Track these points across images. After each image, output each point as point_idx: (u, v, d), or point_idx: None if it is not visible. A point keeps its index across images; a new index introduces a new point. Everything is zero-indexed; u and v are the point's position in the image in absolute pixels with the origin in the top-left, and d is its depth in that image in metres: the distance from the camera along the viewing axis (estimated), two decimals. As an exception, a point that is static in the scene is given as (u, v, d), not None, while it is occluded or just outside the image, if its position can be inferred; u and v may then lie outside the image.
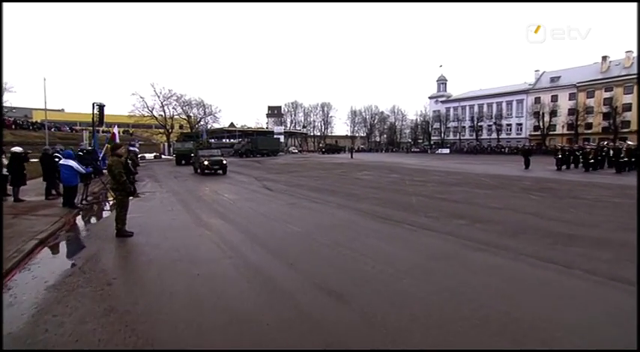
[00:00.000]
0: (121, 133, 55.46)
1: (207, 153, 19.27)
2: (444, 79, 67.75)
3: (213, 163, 17.71)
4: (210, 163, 17.65)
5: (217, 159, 18.09)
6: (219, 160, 18.05)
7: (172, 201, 9.73)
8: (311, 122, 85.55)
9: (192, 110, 52.37)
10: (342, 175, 16.96)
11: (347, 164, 26.29)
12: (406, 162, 28.95)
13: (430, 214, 7.34)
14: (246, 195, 10.79)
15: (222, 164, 17.90)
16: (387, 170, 19.65)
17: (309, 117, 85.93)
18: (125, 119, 47.52)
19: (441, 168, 21.18)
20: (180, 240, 5.65)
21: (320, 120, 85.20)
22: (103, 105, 17.63)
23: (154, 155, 41.63)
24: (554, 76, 50.32)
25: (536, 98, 51.25)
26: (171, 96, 48.53)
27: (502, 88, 57.08)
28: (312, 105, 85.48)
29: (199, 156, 18.75)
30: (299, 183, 13.76)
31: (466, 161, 29.92)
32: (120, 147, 5.92)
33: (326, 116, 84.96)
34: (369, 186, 12.26)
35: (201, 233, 6.11)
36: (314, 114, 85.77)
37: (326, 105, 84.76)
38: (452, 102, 65.23)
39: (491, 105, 57.58)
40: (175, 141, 31.48)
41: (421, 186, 12.02)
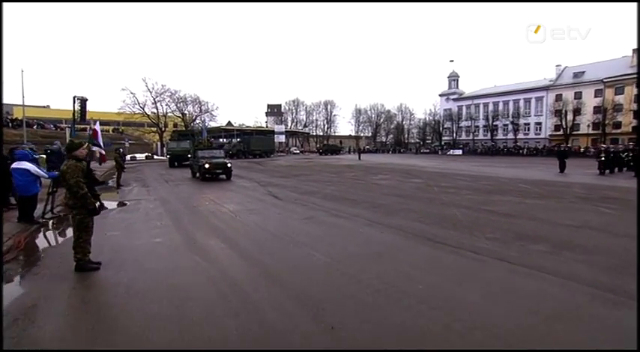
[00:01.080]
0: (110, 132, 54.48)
1: (208, 154, 16.82)
2: (456, 75, 66.35)
3: (215, 166, 15.39)
4: (212, 166, 15.33)
5: (220, 162, 15.73)
6: (223, 163, 15.71)
7: (160, 213, 8.31)
8: (313, 121, 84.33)
9: (187, 107, 51.18)
10: (356, 180, 15.61)
11: (357, 166, 25.11)
12: (420, 164, 27.84)
13: (490, 235, 5.91)
14: (250, 204, 9.38)
15: (226, 167, 15.57)
16: (404, 173, 18.50)
17: (311, 115, 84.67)
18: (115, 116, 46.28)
19: (463, 171, 19.87)
20: (164, 276, 4.23)
21: (323, 119, 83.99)
22: (85, 100, 16.25)
23: (146, 155, 40.40)
24: (578, 71, 48.27)
25: (557, 95, 49.60)
26: (164, 92, 47.43)
27: (520, 84, 55.52)
28: (314, 104, 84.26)
29: (199, 157, 16.37)
30: (310, 189, 12.38)
31: (486, 163, 28.55)
32: (78, 147, 4.48)
33: (329, 115, 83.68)
34: (394, 194, 10.85)
35: (193, 264, 4.68)
36: (316, 113, 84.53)
37: (329, 104, 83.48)
38: (464, 100, 63.81)
39: (508, 103, 56.05)
40: (169, 141, 29.21)
41: (455, 195, 10.61)
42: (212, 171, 15.31)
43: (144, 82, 45.67)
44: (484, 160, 34.20)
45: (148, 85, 46.08)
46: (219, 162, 15.64)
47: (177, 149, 26.42)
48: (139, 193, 12.06)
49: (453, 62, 56.47)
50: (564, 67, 51.34)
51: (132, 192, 12.53)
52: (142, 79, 45.66)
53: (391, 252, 5.13)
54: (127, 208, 9.21)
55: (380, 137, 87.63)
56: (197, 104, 51.88)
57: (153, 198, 10.84)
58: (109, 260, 4.78)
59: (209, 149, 17.94)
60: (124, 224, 7.20)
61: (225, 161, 16.00)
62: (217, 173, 15.49)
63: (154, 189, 13.03)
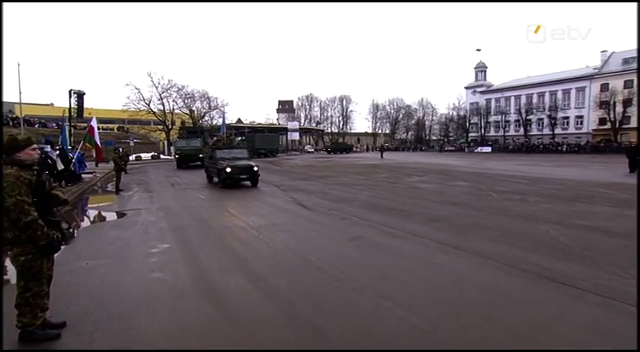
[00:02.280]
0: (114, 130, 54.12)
1: (229, 154, 13.92)
2: (484, 65, 63.59)
3: (240, 170, 12.65)
4: (236, 170, 12.56)
5: (245, 165, 12.94)
6: (249, 166, 12.90)
7: (163, 230, 6.87)
8: (328, 117, 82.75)
9: (194, 104, 50.27)
10: (390, 182, 14.08)
11: (382, 166, 23.66)
12: (452, 163, 26.21)
13: (630, 271, 4.24)
14: (275, 217, 7.89)
15: (252, 171, 12.84)
16: (441, 174, 16.93)
17: (325, 111, 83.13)
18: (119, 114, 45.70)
19: (508, 171, 18.14)
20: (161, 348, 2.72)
21: (338, 116, 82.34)
22: (82, 94, 15.07)
23: (152, 155, 39.57)
24: (629, 57, 43.77)
25: (602, 85, 46.11)
26: (170, 87, 46.54)
27: (557, 74, 52.36)
28: (329, 99, 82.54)
29: (217, 158, 13.55)
30: (342, 195, 10.87)
31: (527, 162, 26.54)
32: (23, 146, 2.88)
33: (345, 110, 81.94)
34: (446, 202, 9.23)
35: (206, 323, 3.17)
36: (331, 109, 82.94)
37: (345, 99, 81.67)
38: (493, 93, 61.07)
39: (543, 95, 53.01)
40: (177, 139, 26.88)
41: (524, 203, 8.91)
42: (235, 177, 12.68)
43: (149, 77, 45.07)
44: (522, 159, 32.08)
45: (153, 80, 45.49)
46: (244, 165, 12.93)
47: (186, 148, 24.47)
48: (140, 200, 10.72)
49: (480, 51, 53.50)
50: (611, 52, 47.76)
51: (132, 198, 11.22)
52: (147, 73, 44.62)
53: (503, 301, 3.52)
54: (122, 221, 7.83)
55: (399, 134, 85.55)
56: (205, 100, 51.05)
57: (155, 207, 9.45)
58: (82, 315, 3.31)
59: (229, 148, 14.97)
60: (115, 246, 5.77)
61: (251, 164, 13.20)
62: (242, 178, 12.90)
63: (158, 195, 11.69)
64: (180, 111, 48.99)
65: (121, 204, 10.27)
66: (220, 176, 12.79)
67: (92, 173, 16.92)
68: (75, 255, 5.21)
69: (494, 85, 62.87)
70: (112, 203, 10.52)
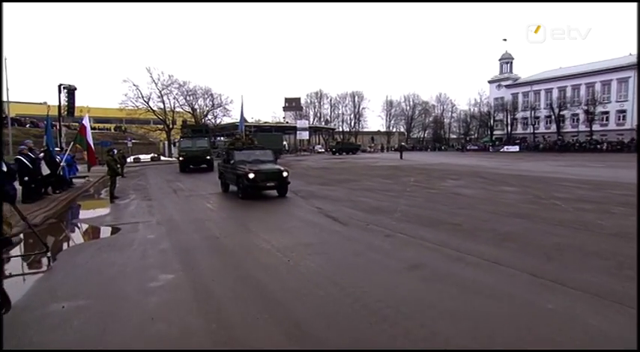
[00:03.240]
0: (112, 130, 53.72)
1: (249, 156, 11.93)
2: (510, 57, 61.76)
3: (265, 176, 10.67)
4: (261, 176, 10.56)
5: (272, 170, 10.99)
6: (277, 171, 10.97)
7: (165, 252, 5.81)
8: (339, 115, 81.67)
9: (197, 101, 49.57)
10: (424, 188, 12.95)
11: (405, 168, 22.61)
12: (482, 164, 25.15)
13: None
14: (303, 234, 6.81)
15: (281, 178, 10.87)
16: (478, 177, 15.86)
17: (336, 109, 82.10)
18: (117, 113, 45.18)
19: (552, 173, 17.04)
20: None
21: (350, 113, 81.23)
22: (73, 89, 14.12)
23: (151, 156, 38.87)
24: None
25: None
26: (171, 84, 45.88)
27: (595, 64, 50.26)
28: (339, 95, 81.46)
29: (236, 162, 11.57)
30: (374, 203, 9.80)
31: (566, 162, 25.16)
32: None
33: (357, 107, 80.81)
34: (508, 213, 8.08)
35: None
36: (342, 106, 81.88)
37: (357, 95, 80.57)
38: (521, 87, 59.27)
39: (579, 87, 50.94)
40: (181, 138, 25.13)
41: (612, 216, 7.68)
42: (260, 185, 10.63)
43: (148, 73, 44.21)
44: (559, 159, 30.59)
45: (152, 76, 44.66)
46: (270, 170, 10.88)
47: (192, 149, 22.82)
48: (138, 211, 9.72)
49: (506, 41, 51.64)
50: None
51: (128, 208, 10.23)
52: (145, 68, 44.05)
53: None
54: (115, 240, 6.78)
55: (415, 132, 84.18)
56: (209, 97, 50.19)
57: (156, 219, 8.42)
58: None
59: (249, 149, 12.94)
60: (103, 277, 4.71)
61: (279, 168, 11.21)
62: (268, 187, 10.90)
63: (159, 205, 10.69)
64: (181, 109, 48.44)
65: (115, 215, 9.29)
66: (241, 184, 10.79)
67: (85, 177, 16.09)
68: (48, 291, 4.18)
69: (521, 78, 61.15)
70: (104, 214, 9.54)
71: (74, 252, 6.10)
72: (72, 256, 5.76)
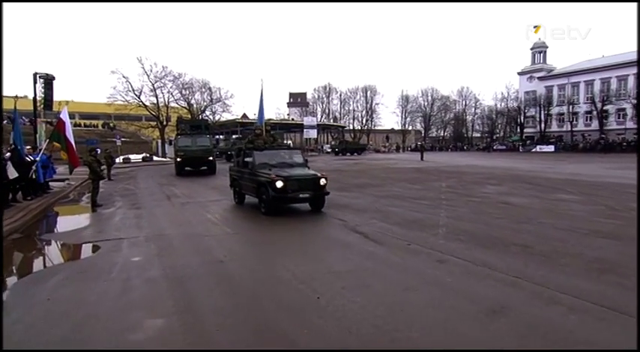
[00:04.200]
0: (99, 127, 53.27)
1: (272, 157, 10.07)
2: (543, 45, 60.09)
3: (299, 185, 8.89)
4: (293, 185, 8.78)
5: (307, 176, 9.22)
6: (311, 177, 9.18)
7: (154, 282, 4.89)
8: (349, 111, 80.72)
9: (193, 95, 48.97)
10: (461, 195, 12.04)
11: (431, 171, 21.83)
12: (519, 166, 24.28)
13: None
14: (330, 257, 5.92)
15: (318, 187, 9.13)
16: (523, 183, 14.97)
17: (347, 105, 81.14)
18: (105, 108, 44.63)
19: (609, 177, 16.06)
20: None
21: (361, 110, 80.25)
22: (50, 79, 13.26)
23: (143, 156, 38.24)
24: None
25: None
26: (165, 76, 45.31)
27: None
28: (350, 90, 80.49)
29: (256, 165, 9.65)
30: (408, 215, 8.89)
31: (619, 164, 23.88)
32: None
33: (369, 103, 79.77)
34: (586, 231, 7.07)
35: None
36: (353, 102, 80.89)
37: (369, 89, 79.54)
38: (556, 78, 57.77)
39: (625, 78, 48.70)
40: (178, 136, 23.24)
41: None
42: (291, 196, 8.82)
43: (139, 63, 43.41)
44: (605, 160, 29.35)
45: (144, 67, 43.95)
46: (304, 178, 9.10)
47: (191, 148, 21.34)
48: (123, 223, 8.83)
49: (538, 29, 50.00)
50: None
51: (112, 219, 9.35)
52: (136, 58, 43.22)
53: None
54: (89, 264, 5.84)
55: (433, 131, 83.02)
56: (207, 91, 49.70)
57: (144, 234, 7.50)
58: None
59: (272, 148, 10.93)
60: (64, 329, 3.73)
61: (314, 174, 9.35)
62: (301, 199, 9.09)
63: (149, 215, 9.82)
64: (176, 104, 47.87)
65: (95, 228, 8.45)
66: (264, 194, 8.99)
67: (64, 180, 15.29)
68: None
69: (556, 69, 59.71)
70: (82, 227, 8.64)
71: (35, 281, 5.16)
72: (30, 287, 4.82)
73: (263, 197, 9.18)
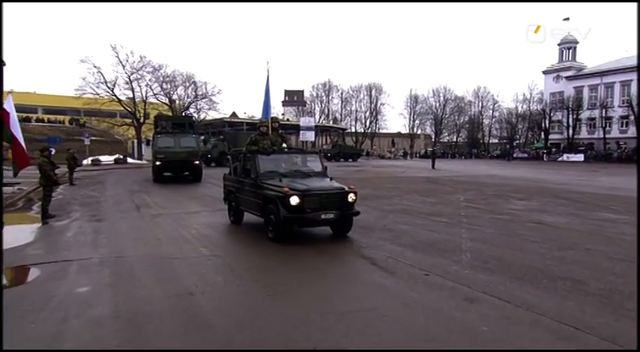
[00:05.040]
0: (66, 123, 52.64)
1: (281, 163, 8.94)
2: (573, 40, 60.20)
3: (320, 201, 7.59)
4: (312, 202, 7.50)
5: (332, 190, 7.90)
6: (338, 192, 7.91)
7: (98, 324, 4.28)
8: (352, 112, 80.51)
9: (176, 90, 48.51)
10: (484, 211, 11.62)
11: (445, 181, 21.70)
12: (546, 178, 24.24)
13: None
14: (328, 288, 5.33)
15: (345, 204, 7.86)
16: (550, 196, 14.96)
17: (348, 104, 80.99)
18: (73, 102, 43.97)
19: None
20: None
21: (365, 110, 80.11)
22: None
23: (116, 158, 37.63)
24: None
25: None
26: (143, 67, 44.82)
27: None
28: (352, 88, 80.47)
29: (261, 174, 8.40)
30: (422, 236, 8.36)
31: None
32: None
33: (374, 103, 79.66)
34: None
35: None
36: (356, 101, 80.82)
37: (374, 88, 79.54)
38: (587, 78, 57.85)
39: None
40: (157, 134, 21.66)
41: None
42: (310, 218, 7.51)
43: (113, 51, 42.68)
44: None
45: (119, 56, 43.31)
46: (327, 192, 7.80)
47: (174, 149, 20.05)
48: (76, 239, 8.21)
49: (568, 21, 49.48)
50: None
51: (63, 234, 8.76)
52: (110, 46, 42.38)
53: None
54: (20, 296, 5.10)
55: (445, 135, 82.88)
56: (191, 85, 49.26)
57: (98, 256, 6.84)
58: None
59: (282, 151, 9.50)
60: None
61: (340, 188, 8.05)
62: (324, 221, 7.74)
63: (110, 229, 9.21)
64: (156, 99, 47.42)
65: (39, 246, 7.85)
66: (274, 213, 7.66)
67: (15, 185, 14.65)
68: None
69: (587, 68, 59.79)
70: (24, 243, 7.94)
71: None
72: None
73: (271, 217, 7.78)
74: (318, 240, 7.99)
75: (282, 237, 7.61)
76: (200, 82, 50.32)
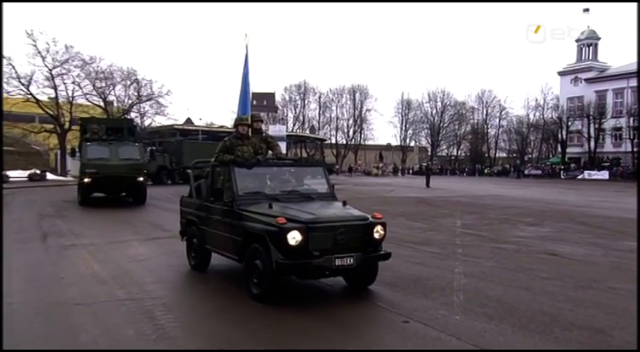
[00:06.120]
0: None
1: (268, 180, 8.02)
2: (594, 36, 62.41)
3: (336, 239, 6.26)
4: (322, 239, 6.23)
5: (349, 221, 6.57)
6: (359, 223, 6.64)
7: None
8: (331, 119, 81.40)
9: (113, 89, 48.33)
10: (483, 238, 12.04)
11: (441, 202, 22.59)
12: (560, 198, 25.23)
13: None
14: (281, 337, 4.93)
15: (370, 241, 6.66)
16: (567, 220, 15.62)
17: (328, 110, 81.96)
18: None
19: None
20: None
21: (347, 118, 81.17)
22: None
23: (30, 174, 36.69)
24: None
25: None
26: (70, 59, 44.13)
27: None
28: (333, 91, 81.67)
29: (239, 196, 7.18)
30: (405, 269, 8.38)
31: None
32: None
33: (358, 109, 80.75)
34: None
35: None
36: (337, 107, 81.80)
37: (358, 91, 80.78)
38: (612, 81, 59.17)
39: None
40: (85, 142, 20.44)
41: None
42: (319, 264, 6.17)
43: (29, 38, 41.73)
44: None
45: (37, 45, 42.35)
46: (342, 223, 6.50)
47: (109, 161, 19.23)
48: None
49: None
50: None
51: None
52: (25, 32, 41.42)
53: None
54: None
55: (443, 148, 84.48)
56: (132, 84, 48.99)
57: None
58: None
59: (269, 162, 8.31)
60: None
61: (363, 218, 6.74)
62: (339, 269, 6.38)
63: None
64: (86, 100, 47.13)
65: None
66: (259, 256, 6.36)
67: None
68: None
69: (612, 68, 61.29)
70: None
71: None
72: None
73: (255, 263, 6.42)
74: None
75: (272, 295, 6.27)
76: (145, 80, 49.93)
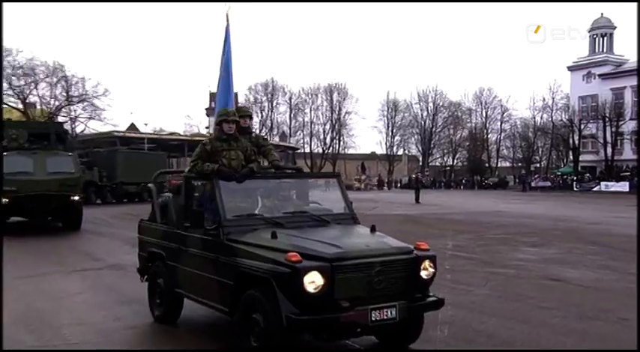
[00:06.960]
0: None
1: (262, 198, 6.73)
2: (609, 25, 63.88)
3: (372, 285, 5.51)
4: (357, 285, 5.32)
5: (390, 254, 5.54)
6: (403, 258, 5.74)
7: None
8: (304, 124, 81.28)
9: (36, 88, 47.47)
10: (477, 262, 12.38)
11: (430, 220, 23.01)
12: (570, 214, 25.56)
13: None
14: None
15: (418, 283, 5.75)
16: (576, 241, 15.96)
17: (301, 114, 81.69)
18: None
19: None
20: None
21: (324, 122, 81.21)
22: None
23: None
24: None
25: None
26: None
27: None
28: (306, 90, 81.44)
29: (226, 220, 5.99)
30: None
31: None
32: None
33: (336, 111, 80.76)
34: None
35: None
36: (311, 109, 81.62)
37: (336, 90, 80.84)
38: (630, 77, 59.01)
39: None
40: (4, 152, 18.95)
41: None
42: (350, 318, 4.94)
43: None
44: None
45: None
46: (379, 259, 5.30)
47: (34, 176, 18.84)
48: None
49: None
50: None
51: None
52: None
53: None
54: None
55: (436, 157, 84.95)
56: (60, 81, 48.04)
57: None
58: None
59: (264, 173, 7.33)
60: None
61: (406, 250, 5.78)
62: (374, 326, 5.38)
63: None
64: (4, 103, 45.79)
65: None
66: (260, 308, 5.12)
67: None
68: None
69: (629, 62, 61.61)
70: None
71: None
72: None
73: (255, 319, 5.21)
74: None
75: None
76: (75, 77, 48.84)
